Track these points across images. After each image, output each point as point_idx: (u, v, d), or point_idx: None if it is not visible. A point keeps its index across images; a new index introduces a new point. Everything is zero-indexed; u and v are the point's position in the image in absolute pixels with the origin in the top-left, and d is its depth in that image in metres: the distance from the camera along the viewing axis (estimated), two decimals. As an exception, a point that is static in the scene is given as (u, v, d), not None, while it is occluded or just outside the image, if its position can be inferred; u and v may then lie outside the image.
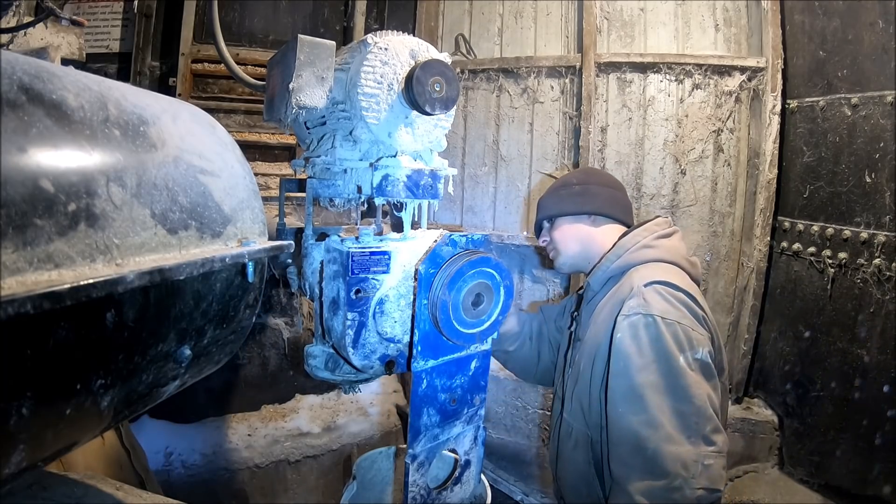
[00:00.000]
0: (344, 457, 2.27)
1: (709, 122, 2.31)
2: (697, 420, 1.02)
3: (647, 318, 1.08)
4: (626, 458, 1.06)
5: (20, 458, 0.42)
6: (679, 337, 1.07)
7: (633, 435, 1.04)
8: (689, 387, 1.04)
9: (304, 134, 0.97)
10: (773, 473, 2.17)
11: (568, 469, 1.29)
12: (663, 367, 1.05)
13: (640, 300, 1.11)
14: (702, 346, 1.08)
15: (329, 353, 0.87)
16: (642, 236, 1.27)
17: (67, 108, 0.48)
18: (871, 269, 1.81)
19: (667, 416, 1.02)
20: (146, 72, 2.32)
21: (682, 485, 0.98)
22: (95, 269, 0.45)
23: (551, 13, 2.54)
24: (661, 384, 1.04)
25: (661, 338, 1.06)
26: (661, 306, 1.09)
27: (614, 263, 1.26)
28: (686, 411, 1.02)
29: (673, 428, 1.01)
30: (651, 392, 1.04)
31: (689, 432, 1.01)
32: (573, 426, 1.26)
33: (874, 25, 1.83)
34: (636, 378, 1.06)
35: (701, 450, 1.00)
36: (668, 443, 1.01)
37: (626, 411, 1.06)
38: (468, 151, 2.68)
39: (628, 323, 1.10)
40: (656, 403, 1.03)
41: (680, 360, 1.05)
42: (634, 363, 1.07)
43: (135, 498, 0.86)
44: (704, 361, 1.07)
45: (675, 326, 1.07)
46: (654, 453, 1.01)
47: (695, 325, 1.10)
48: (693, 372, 1.05)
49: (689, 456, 0.99)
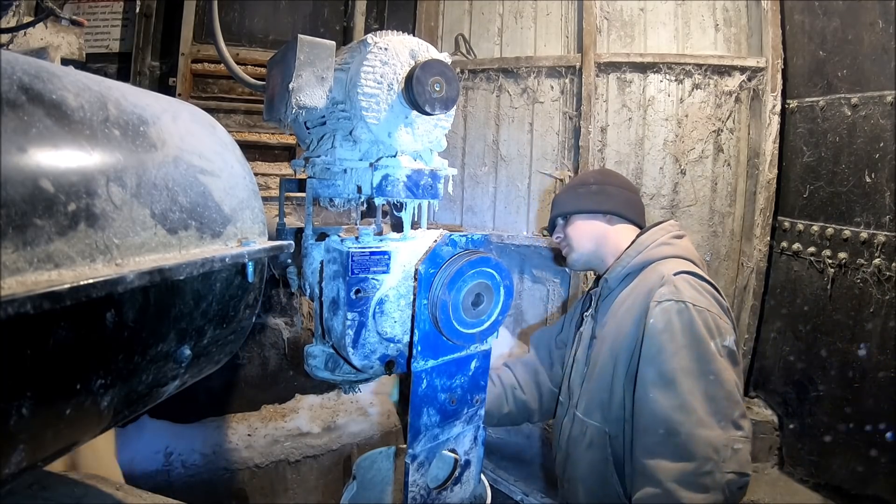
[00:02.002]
0: (344, 457, 2.27)
1: (709, 122, 2.31)
2: (727, 405, 1.04)
3: (679, 305, 1.11)
4: (654, 443, 1.06)
5: (20, 458, 0.42)
6: (709, 324, 1.09)
7: (665, 419, 1.05)
8: (720, 372, 1.05)
9: (304, 134, 0.97)
10: (773, 473, 2.17)
11: (580, 470, 1.28)
12: (695, 352, 1.07)
13: (671, 287, 1.14)
14: (728, 334, 1.11)
15: (329, 353, 0.87)
16: (659, 235, 1.30)
17: (67, 108, 0.48)
18: (871, 269, 1.81)
19: (699, 401, 1.04)
20: (146, 72, 2.32)
21: (713, 468, 0.99)
22: (95, 269, 0.45)
23: (551, 13, 2.54)
24: (694, 369, 1.06)
25: (694, 324, 1.08)
26: (692, 294, 1.12)
27: (634, 259, 1.29)
28: (717, 396, 1.04)
29: (705, 412, 1.03)
30: (683, 376, 1.06)
31: (719, 417, 1.03)
32: (588, 424, 1.26)
33: (874, 25, 1.83)
34: (669, 363, 1.08)
35: (731, 434, 1.02)
36: (700, 427, 1.02)
37: (658, 396, 1.07)
38: (468, 151, 2.68)
39: (661, 309, 1.12)
40: (688, 388, 1.05)
41: (711, 346, 1.07)
42: (667, 349, 1.09)
43: (135, 498, 0.86)
44: (731, 349, 1.10)
45: (706, 314, 1.10)
46: (686, 437, 1.02)
47: (721, 314, 1.13)
48: (722, 358, 1.07)
49: (720, 440, 1.01)
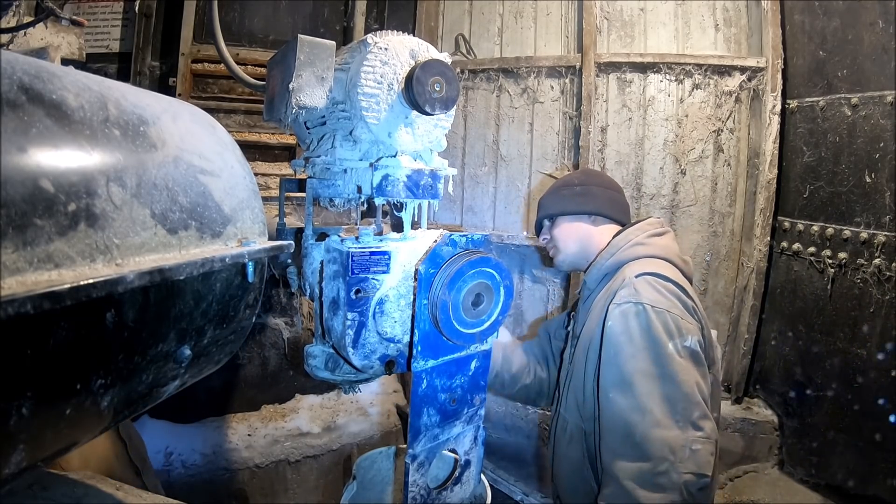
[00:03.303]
0: (344, 457, 2.27)
1: (709, 122, 2.31)
2: (685, 406, 1.04)
3: (637, 307, 1.11)
4: (615, 444, 1.07)
5: (20, 458, 0.42)
6: (668, 325, 1.09)
7: (623, 420, 1.06)
8: (677, 373, 1.05)
9: (304, 134, 0.97)
10: (773, 473, 2.17)
11: (563, 465, 1.31)
12: (653, 353, 1.07)
13: (630, 290, 1.14)
14: (691, 334, 1.10)
15: (329, 353, 0.87)
16: (634, 235, 1.30)
17: (67, 108, 0.48)
18: (871, 269, 1.81)
19: (655, 402, 1.04)
20: (146, 72, 2.32)
21: (668, 468, 0.99)
22: (95, 269, 0.45)
23: (551, 13, 2.54)
24: (651, 371, 1.06)
25: (651, 325, 1.08)
26: (651, 295, 1.12)
27: (608, 261, 1.29)
28: (674, 397, 1.04)
29: (661, 413, 1.03)
30: (640, 378, 1.06)
31: (676, 417, 1.03)
32: (568, 421, 1.29)
33: (874, 25, 1.83)
34: (626, 365, 1.08)
35: (689, 435, 1.02)
36: (656, 427, 1.02)
37: (616, 397, 1.08)
38: (468, 151, 2.68)
39: (619, 311, 1.12)
40: (645, 390, 1.05)
41: (669, 347, 1.07)
42: (625, 351, 1.09)
43: (135, 498, 0.86)
44: (693, 349, 1.09)
45: (665, 315, 1.09)
46: (642, 437, 1.03)
47: (684, 315, 1.12)
48: (682, 359, 1.07)
49: (676, 440, 1.01)
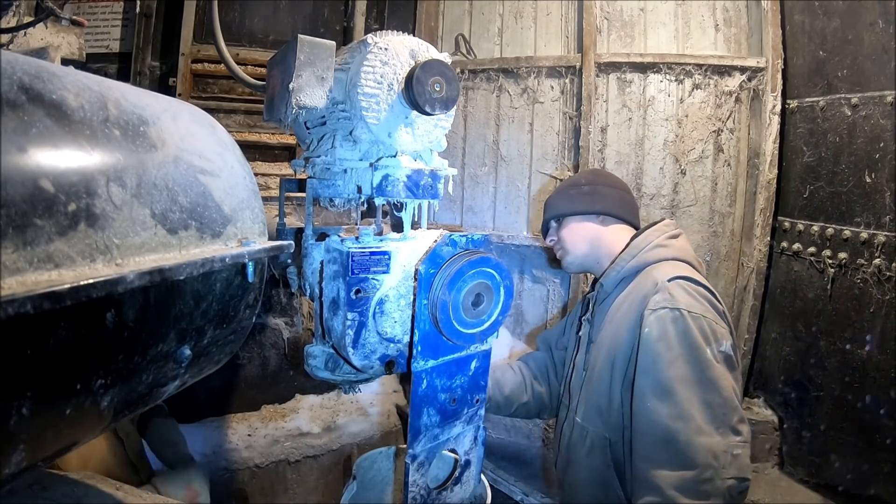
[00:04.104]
0: (344, 457, 2.27)
1: (709, 123, 2.31)
2: (725, 411, 1.03)
3: (674, 312, 1.09)
4: (654, 452, 1.06)
5: (20, 458, 0.42)
6: (705, 330, 1.08)
7: (664, 428, 1.05)
8: (717, 378, 1.05)
9: (304, 134, 0.97)
10: (773, 473, 2.17)
11: (581, 475, 1.27)
12: (692, 359, 1.06)
13: (665, 295, 1.12)
14: (725, 339, 1.10)
15: (329, 353, 0.87)
16: (654, 236, 1.28)
17: (67, 108, 0.48)
18: (871, 269, 1.81)
19: (697, 409, 1.03)
20: (146, 72, 2.32)
21: (713, 475, 0.99)
22: (95, 269, 0.45)
23: (551, 13, 2.54)
24: (691, 377, 1.05)
25: (689, 331, 1.07)
26: (687, 300, 1.11)
27: (629, 263, 1.27)
28: (715, 403, 1.04)
29: (703, 420, 1.02)
30: (680, 385, 1.05)
31: (717, 423, 1.02)
32: (588, 430, 1.25)
33: (874, 25, 1.83)
34: (665, 372, 1.07)
35: (730, 440, 1.01)
36: (699, 434, 1.01)
37: (656, 405, 1.07)
38: (468, 151, 2.68)
39: (655, 317, 1.11)
40: (686, 396, 1.04)
41: (707, 353, 1.06)
42: (663, 357, 1.08)
43: (135, 498, 0.86)
44: (728, 354, 1.09)
45: (701, 320, 1.09)
46: (685, 445, 1.02)
47: (717, 319, 1.12)
48: (719, 364, 1.07)
49: (719, 447, 1.00)
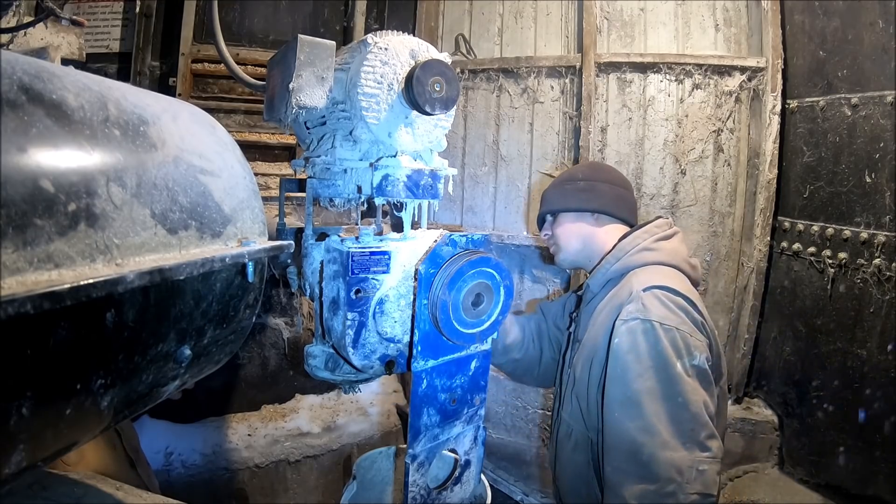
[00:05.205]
0: (344, 457, 2.27)
1: (709, 122, 2.31)
2: (693, 426, 1.02)
3: (645, 324, 1.07)
4: (620, 462, 1.05)
5: (20, 458, 0.42)
6: (677, 343, 1.06)
7: (629, 440, 1.04)
8: (685, 393, 1.03)
9: (304, 134, 0.97)
10: (773, 473, 2.17)
11: (567, 470, 1.28)
12: (660, 373, 1.04)
13: (638, 305, 1.10)
14: (700, 352, 1.07)
15: (329, 353, 0.87)
16: (642, 239, 1.26)
17: (67, 108, 0.48)
18: (871, 269, 1.81)
19: (663, 423, 1.02)
20: (146, 72, 2.32)
21: (675, 490, 0.98)
22: (95, 269, 0.45)
23: (551, 13, 2.54)
24: (658, 390, 1.04)
25: (659, 344, 1.05)
26: (660, 311, 1.08)
27: (613, 266, 1.25)
28: (682, 417, 1.02)
29: (669, 434, 1.01)
30: (648, 398, 1.04)
31: (684, 438, 1.01)
32: (573, 427, 1.26)
33: (874, 25, 1.83)
34: (633, 384, 1.06)
35: (696, 455, 1.00)
36: (664, 448, 1.00)
37: (623, 417, 1.06)
38: (468, 151, 2.68)
39: (626, 328, 1.09)
40: (653, 410, 1.03)
41: (677, 367, 1.04)
42: (632, 369, 1.06)
43: (135, 498, 0.86)
44: (701, 368, 1.07)
45: (674, 332, 1.06)
46: (649, 458, 1.01)
47: (693, 331, 1.09)
48: (690, 378, 1.05)
49: (683, 461, 0.99)
